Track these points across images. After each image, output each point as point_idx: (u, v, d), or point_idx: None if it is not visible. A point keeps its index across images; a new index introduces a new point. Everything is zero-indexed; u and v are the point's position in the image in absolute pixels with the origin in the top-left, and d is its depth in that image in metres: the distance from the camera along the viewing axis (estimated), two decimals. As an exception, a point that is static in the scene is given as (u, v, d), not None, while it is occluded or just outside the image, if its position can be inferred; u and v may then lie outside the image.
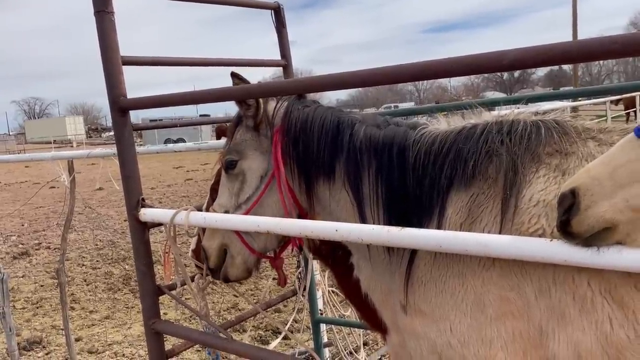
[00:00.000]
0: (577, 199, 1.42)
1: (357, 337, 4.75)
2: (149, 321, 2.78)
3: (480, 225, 1.78)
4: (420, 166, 1.97)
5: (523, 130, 1.86)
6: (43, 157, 4.66)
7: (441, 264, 1.86)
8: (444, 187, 1.90)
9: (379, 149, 2.08)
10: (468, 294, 1.78)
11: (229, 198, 2.40)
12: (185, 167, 26.84)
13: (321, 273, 4.24)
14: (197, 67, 3.33)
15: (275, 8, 3.51)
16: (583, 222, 1.41)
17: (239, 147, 2.38)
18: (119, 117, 2.65)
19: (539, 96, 4.32)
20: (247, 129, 2.39)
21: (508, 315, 1.71)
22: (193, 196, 16.38)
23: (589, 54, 1.36)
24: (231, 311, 6.80)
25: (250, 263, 2.46)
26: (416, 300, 1.95)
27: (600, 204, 1.39)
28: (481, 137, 1.90)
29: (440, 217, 1.88)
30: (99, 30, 2.58)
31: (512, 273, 1.69)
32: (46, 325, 6.86)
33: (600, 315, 1.55)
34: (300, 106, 2.31)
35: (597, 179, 1.41)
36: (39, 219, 14.62)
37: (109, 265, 9.48)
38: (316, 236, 2.02)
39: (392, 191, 2.03)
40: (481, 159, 1.85)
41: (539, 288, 1.64)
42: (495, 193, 1.78)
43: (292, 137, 2.25)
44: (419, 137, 2.03)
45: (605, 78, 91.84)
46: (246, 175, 2.36)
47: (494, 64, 1.49)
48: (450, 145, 1.94)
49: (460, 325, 1.80)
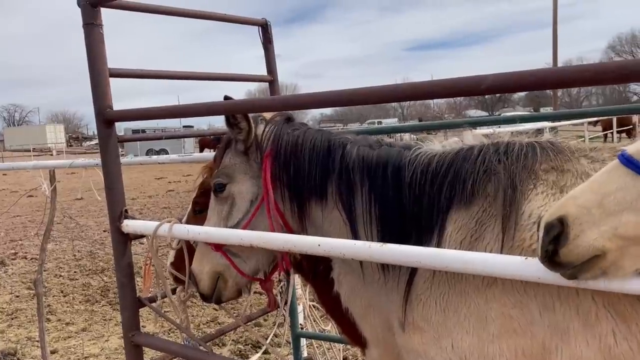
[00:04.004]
0: (566, 228, 1.40)
1: (337, 352, 4.75)
2: (129, 333, 2.76)
3: (482, 243, 1.80)
4: (417, 186, 1.98)
5: (519, 149, 1.90)
6: (24, 166, 4.61)
7: (441, 281, 1.86)
8: (443, 206, 1.92)
9: (372, 168, 2.09)
10: (471, 311, 1.78)
11: (217, 222, 2.39)
12: (167, 178, 26.62)
13: (302, 287, 4.25)
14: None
15: (263, 24, 3.56)
16: (572, 252, 1.40)
17: (228, 170, 2.38)
18: (105, 129, 2.66)
19: (521, 118, 4.42)
20: (237, 152, 2.38)
21: (511, 332, 1.71)
22: (174, 207, 16.24)
23: (561, 82, 1.43)
24: (211, 324, 6.74)
25: (242, 285, 2.48)
26: (415, 318, 1.94)
27: (589, 232, 1.38)
28: (478, 158, 1.93)
29: (440, 235, 1.90)
30: (87, 43, 2.60)
31: (515, 289, 1.70)
32: (21, 336, 6.71)
33: (604, 329, 1.57)
34: (289, 130, 2.31)
35: (585, 208, 1.40)
36: (16, 228, 14.33)
37: (87, 276, 9.32)
38: (299, 250, 2.05)
39: (387, 210, 2.04)
40: (479, 178, 1.88)
41: (544, 304, 1.65)
42: (496, 211, 1.81)
43: (282, 161, 2.25)
44: (415, 157, 2.05)
45: (584, 99, 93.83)
46: (235, 199, 2.35)
47: (472, 88, 1.56)
48: (449, 166, 1.96)
49: (462, 343, 1.80)
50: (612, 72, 1.33)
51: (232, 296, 2.50)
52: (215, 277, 2.43)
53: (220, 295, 2.46)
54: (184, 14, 3.22)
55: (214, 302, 2.52)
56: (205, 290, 2.45)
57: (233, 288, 2.46)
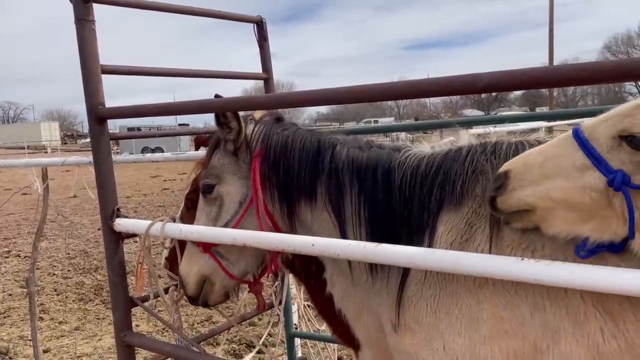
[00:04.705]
0: (507, 180, 1.59)
1: (332, 352, 4.73)
2: (121, 333, 2.73)
3: (473, 244, 1.80)
4: (407, 188, 1.98)
5: (507, 149, 1.90)
6: (16, 163, 4.56)
7: (432, 282, 1.86)
8: (434, 208, 1.91)
9: (362, 170, 2.08)
10: (462, 313, 1.78)
11: (206, 223, 2.35)
12: (163, 176, 26.54)
13: (297, 287, 4.23)
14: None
15: (258, 22, 3.54)
16: (505, 201, 1.60)
17: (217, 171, 2.34)
18: (97, 126, 2.63)
19: (516, 117, 4.43)
20: (226, 153, 2.34)
21: (502, 333, 1.71)
22: (169, 206, 16.18)
23: (558, 80, 1.41)
24: (205, 324, 6.71)
25: (229, 288, 2.45)
26: (407, 320, 1.94)
27: (526, 188, 1.56)
28: (467, 158, 1.92)
29: (431, 237, 1.89)
30: (79, 39, 2.56)
31: (506, 290, 1.70)
32: (13, 335, 6.66)
33: (593, 327, 1.58)
34: (279, 130, 2.28)
35: (529, 166, 1.57)
36: (9, 226, 14.25)
37: (81, 275, 9.27)
38: (292, 250, 2.03)
39: (377, 212, 2.03)
40: (468, 179, 1.88)
41: (534, 304, 1.66)
42: (486, 212, 1.80)
43: (272, 161, 2.22)
44: (404, 159, 2.04)
45: (579, 99, 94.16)
46: (224, 200, 2.32)
47: (468, 86, 1.54)
48: (438, 168, 1.96)
49: (454, 344, 1.79)
50: (609, 71, 1.31)
51: (219, 300, 2.46)
52: (201, 280, 2.40)
53: (206, 299, 2.43)
54: (178, 11, 3.17)
55: (200, 305, 2.49)
56: (191, 293, 2.42)
57: (220, 292, 2.43)
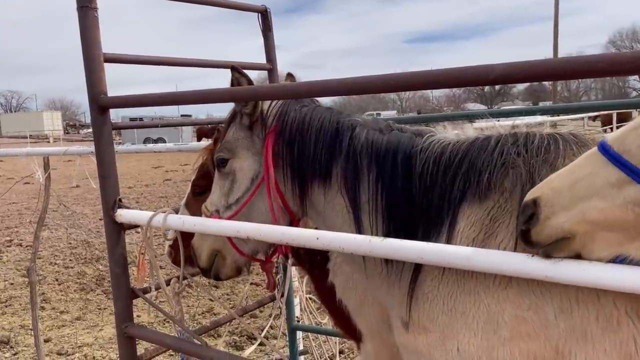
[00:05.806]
0: (538, 209, 1.46)
1: (333, 345, 4.71)
2: (122, 324, 2.72)
3: (495, 240, 1.70)
4: (429, 176, 1.87)
5: (540, 142, 1.79)
6: (18, 152, 4.54)
7: (450, 280, 1.76)
8: (456, 199, 1.80)
9: (381, 154, 1.98)
10: (480, 313, 1.68)
11: (219, 197, 2.30)
12: (165, 167, 26.49)
13: (299, 280, 4.21)
14: (179, 67, 3.29)
15: (263, 11, 3.48)
16: (542, 232, 1.45)
17: (231, 145, 2.27)
18: (99, 115, 2.59)
19: (520, 111, 4.37)
20: (242, 127, 2.27)
21: (524, 336, 1.62)
22: (171, 197, 16.16)
23: (574, 72, 1.37)
24: (206, 315, 6.70)
25: (241, 263, 2.40)
26: (420, 317, 1.85)
27: (559, 215, 1.43)
28: (496, 149, 1.81)
29: (450, 230, 1.79)
30: (81, 26, 2.52)
31: (531, 291, 1.61)
32: (15, 324, 6.67)
33: (625, 335, 1.50)
34: (297, 106, 2.20)
35: (558, 191, 1.44)
36: (11, 215, 14.27)
37: (82, 264, 9.28)
38: (297, 243, 1.99)
39: (395, 200, 1.93)
40: (497, 171, 1.77)
41: (560, 307, 1.57)
42: (512, 207, 1.70)
43: (287, 138, 2.14)
44: (427, 145, 1.93)
45: (583, 94, 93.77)
46: (237, 175, 2.26)
47: (481, 77, 1.49)
48: (463, 157, 1.84)
49: (469, 346, 1.70)
50: (628, 62, 1.27)
51: (231, 274, 2.41)
52: (213, 253, 2.35)
53: (218, 272, 2.38)
54: (181, -1, 3.14)
55: (212, 278, 2.44)
56: (203, 265, 2.38)
57: (232, 266, 2.37)
